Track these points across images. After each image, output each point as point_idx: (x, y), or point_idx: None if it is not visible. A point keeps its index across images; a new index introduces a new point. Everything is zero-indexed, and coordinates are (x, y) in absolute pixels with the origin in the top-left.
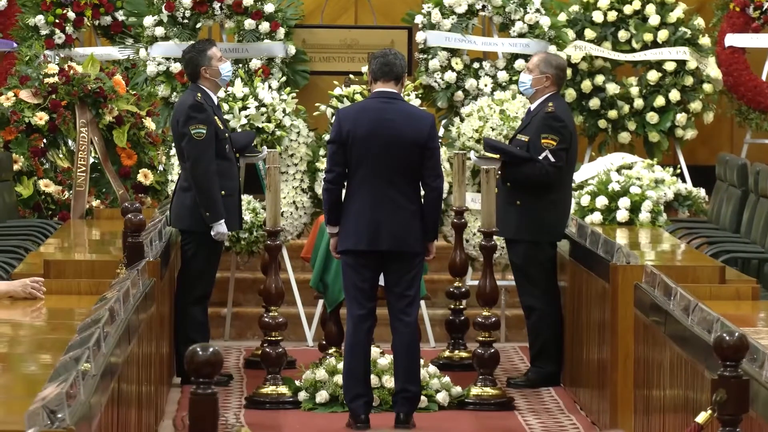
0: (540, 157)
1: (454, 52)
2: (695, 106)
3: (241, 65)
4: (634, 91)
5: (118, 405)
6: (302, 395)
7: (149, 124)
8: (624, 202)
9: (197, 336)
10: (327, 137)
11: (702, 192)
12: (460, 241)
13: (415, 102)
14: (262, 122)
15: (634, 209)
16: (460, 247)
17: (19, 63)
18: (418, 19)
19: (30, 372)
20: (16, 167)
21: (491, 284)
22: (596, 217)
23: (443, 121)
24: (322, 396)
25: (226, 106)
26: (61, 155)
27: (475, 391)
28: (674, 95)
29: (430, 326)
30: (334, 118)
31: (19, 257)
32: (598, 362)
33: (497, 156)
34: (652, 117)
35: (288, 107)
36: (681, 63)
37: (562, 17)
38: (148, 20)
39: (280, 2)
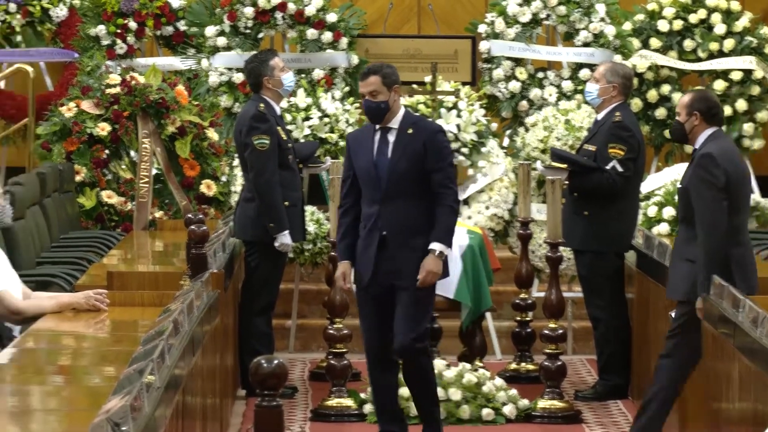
0: (607, 167)
1: (518, 62)
2: (762, 115)
3: (303, 75)
4: None
5: (183, 418)
6: (367, 408)
7: (212, 134)
8: None
9: (262, 348)
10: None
11: None
12: (526, 253)
13: (480, 112)
14: (325, 132)
15: None
16: (526, 258)
17: (81, 73)
18: (482, 29)
19: (94, 384)
20: (78, 178)
21: (557, 296)
22: (663, 228)
23: (507, 131)
24: None
25: (288, 117)
26: (123, 166)
27: (542, 403)
28: (741, 105)
29: (496, 338)
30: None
31: (82, 269)
32: None
33: (564, 166)
34: None
35: (351, 117)
36: (747, 72)
37: (627, 26)
38: (210, 30)
39: (342, 12)
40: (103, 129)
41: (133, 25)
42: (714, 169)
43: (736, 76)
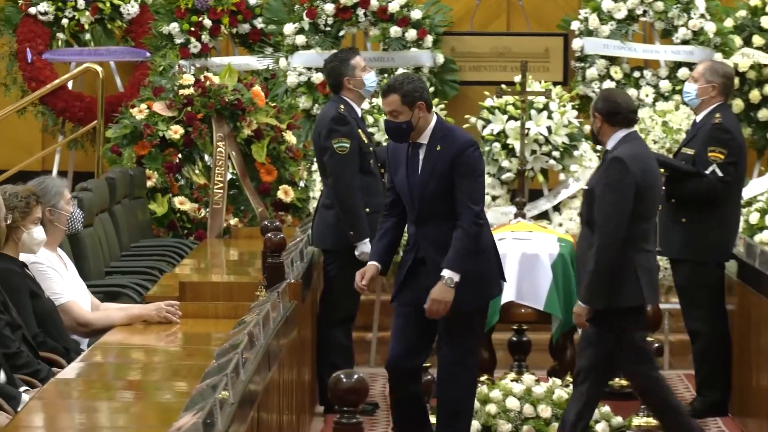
0: (707, 172)
1: (613, 60)
2: None
3: (386, 75)
4: None
5: None
6: None
7: (290, 137)
8: None
9: (341, 361)
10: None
11: None
12: None
13: (572, 113)
14: None
15: None
16: None
17: (153, 74)
18: (575, 26)
19: (165, 400)
20: (149, 184)
21: (654, 307)
22: (766, 235)
23: None
24: (473, 426)
25: (370, 119)
26: (197, 171)
27: (636, 421)
28: None
29: None
30: None
31: (153, 279)
32: None
33: (661, 171)
34: None
35: None
36: None
37: (729, 23)
38: (289, 28)
39: (427, 8)
40: (176, 132)
41: (207, 22)
42: (623, 175)
43: None
